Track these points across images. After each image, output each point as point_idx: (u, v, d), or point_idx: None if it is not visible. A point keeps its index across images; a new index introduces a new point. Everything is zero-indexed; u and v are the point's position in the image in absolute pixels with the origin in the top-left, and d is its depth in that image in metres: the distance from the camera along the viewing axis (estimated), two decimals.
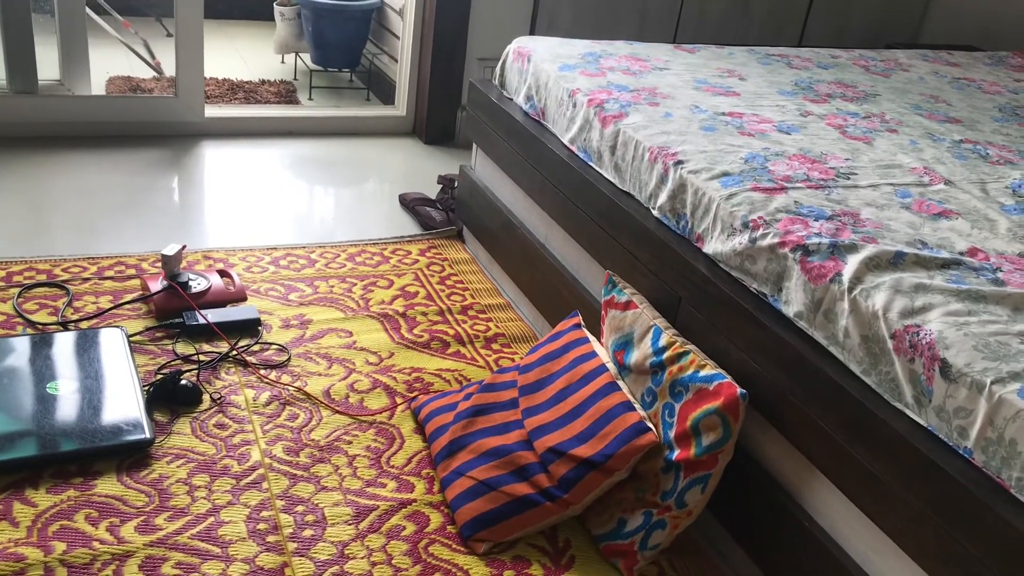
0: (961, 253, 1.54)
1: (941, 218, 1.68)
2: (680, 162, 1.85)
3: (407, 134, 3.59)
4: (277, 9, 4.01)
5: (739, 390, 1.50)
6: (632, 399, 1.67)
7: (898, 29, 4.00)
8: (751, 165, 1.82)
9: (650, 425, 1.61)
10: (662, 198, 1.86)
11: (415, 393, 2.02)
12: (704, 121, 2.05)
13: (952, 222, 1.66)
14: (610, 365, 1.76)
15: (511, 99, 2.53)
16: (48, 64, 3.13)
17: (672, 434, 1.58)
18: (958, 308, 1.36)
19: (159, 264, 2.36)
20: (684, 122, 2.04)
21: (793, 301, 1.52)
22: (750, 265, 1.62)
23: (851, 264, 1.46)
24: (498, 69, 2.62)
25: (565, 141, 2.23)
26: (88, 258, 2.37)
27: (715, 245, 1.71)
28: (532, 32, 3.43)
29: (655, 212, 1.89)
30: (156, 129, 3.19)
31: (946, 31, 3.90)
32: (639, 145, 1.96)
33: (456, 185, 2.86)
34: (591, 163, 2.13)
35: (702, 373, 1.57)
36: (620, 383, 1.71)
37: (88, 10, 3.26)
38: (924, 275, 1.45)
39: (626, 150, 2.00)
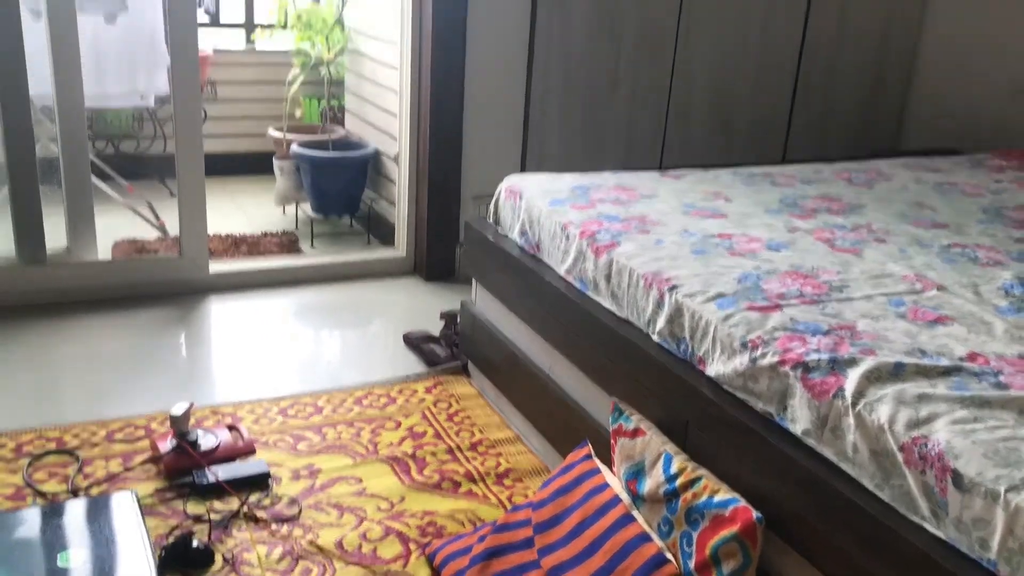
0: (961, 359, 1.54)
1: (937, 325, 1.69)
2: (675, 287, 1.88)
3: (408, 273, 3.65)
4: (276, 163, 4.14)
5: (755, 514, 1.49)
6: (648, 530, 1.64)
7: (878, 135, 4.12)
8: (745, 285, 1.85)
9: (669, 556, 1.58)
10: (660, 323, 1.89)
11: (428, 538, 1.99)
12: (695, 244, 2.10)
13: (948, 328, 1.68)
14: (624, 495, 1.74)
15: (506, 235, 2.59)
16: (55, 233, 3.22)
17: (692, 564, 1.55)
18: (963, 415, 1.36)
19: (168, 424, 2.37)
20: (675, 247, 2.08)
21: (799, 419, 1.52)
22: (753, 385, 1.63)
23: (852, 378, 1.47)
24: (492, 207, 2.69)
25: (561, 272, 2.28)
26: (98, 422, 2.39)
27: (717, 367, 1.72)
28: (523, 168, 3.53)
29: (655, 337, 1.91)
30: (162, 288, 3.25)
31: (925, 135, 4.02)
32: (633, 273, 2.00)
33: (458, 320, 2.90)
34: (588, 292, 2.16)
35: (716, 498, 1.56)
36: (635, 513, 1.69)
37: (93, 177, 3.38)
38: (926, 384, 1.45)
39: (621, 278, 2.03)
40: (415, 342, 2.98)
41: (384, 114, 3.91)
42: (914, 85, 4.12)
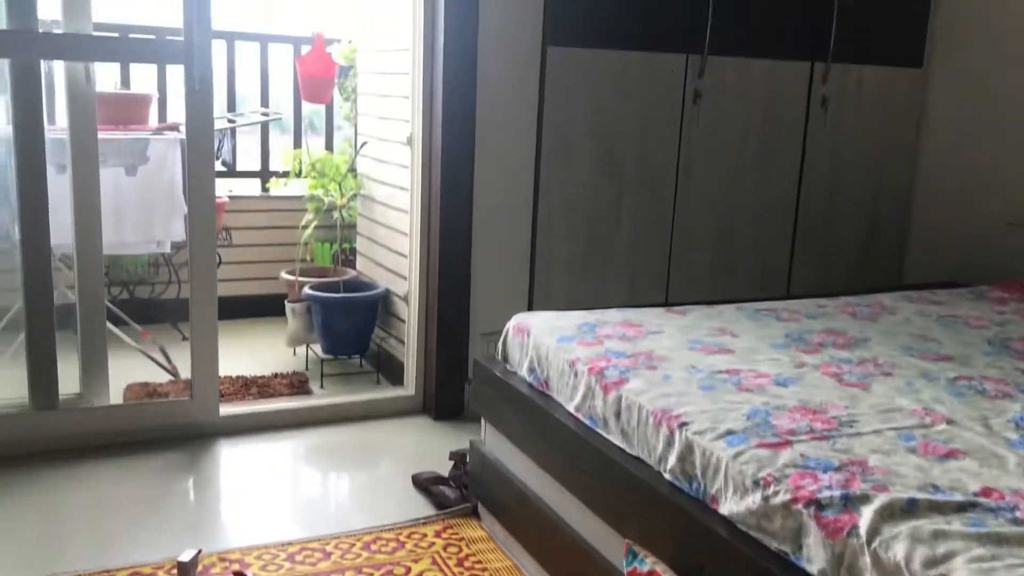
0: (975, 494, 1.53)
1: (949, 459, 1.68)
2: (684, 424, 1.88)
3: (417, 412, 3.65)
4: (288, 306, 4.21)
5: None
6: None
7: (879, 269, 4.18)
8: (754, 421, 1.85)
9: None
10: (672, 461, 1.88)
11: None
12: (702, 380, 2.11)
13: (960, 462, 1.67)
14: None
15: (515, 372, 2.61)
16: (68, 378, 3.25)
17: None
18: (981, 553, 1.34)
19: (175, 572, 2.33)
20: (683, 383, 2.09)
21: (815, 558, 1.50)
22: (767, 524, 1.61)
23: (866, 515, 1.46)
24: (500, 345, 2.72)
25: (571, 409, 2.28)
26: (103, 571, 2.35)
27: (730, 506, 1.70)
28: (530, 305, 3.58)
29: (667, 475, 1.90)
30: (172, 432, 3.25)
31: (925, 268, 4.08)
32: (642, 409, 2.00)
33: (468, 460, 2.88)
34: (598, 429, 2.16)
35: None
36: None
37: (108, 323, 3.43)
38: (941, 521, 1.44)
39: (630, 415, 2.04)
40: (424, 484, 2.95)
41: (394, 255, 4.00)
42: (912, 221, 4.21)
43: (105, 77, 4.38)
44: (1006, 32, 3.76)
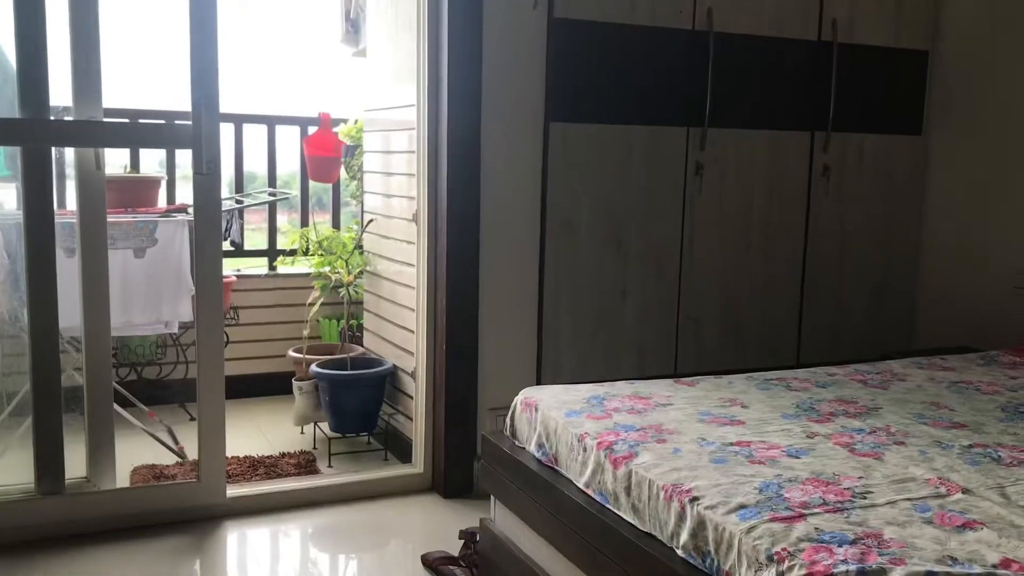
0: (994, 566, 1.50)
1: (966, 530, 1.65)
2: (695, 498, 1.86)
3: (426, 490, 3.61)
4: (295, 384, 4.20)
5: None
6: None
7: (889, 335, 4.16)
8: (766, 495, 1.82)
9: None
10: (684, 537, 1.85)
11: None
12: (713, 453, 2.08)
13: (978, 533, 1.63)
14: None
15: (523, 448, 2.58)
16: (75, 462, 3.23)
17: None
18: None
19: None
20: (694, 456, 2.07)
21: None
22: None
23: None
24: (508, 420, 2.70)
25: (580, 485, 2.25)
26: None
27: None
28: (538, 379, 3.56)
29: (680, 552, 1.87)
30: (179, 515, 3.21)
31: (934, 333, 4.06)
32: (652, 484, 1.98)
33: (478, 539, 2.83)
34: (609, 505, 2.13)
35: None
36: None
37: (115, 405, 3.42)
38: None
39: (641, 490, 2.01)
40: (434, 564, 2.90)
41: (401, 331, 4.00)
42: (919, 286, 4.20)
43: (115, 159, 4.45)
44: (1004, 97, 3.80)
